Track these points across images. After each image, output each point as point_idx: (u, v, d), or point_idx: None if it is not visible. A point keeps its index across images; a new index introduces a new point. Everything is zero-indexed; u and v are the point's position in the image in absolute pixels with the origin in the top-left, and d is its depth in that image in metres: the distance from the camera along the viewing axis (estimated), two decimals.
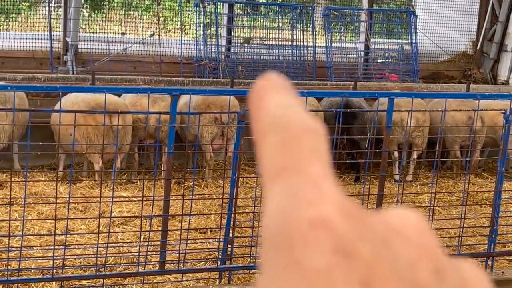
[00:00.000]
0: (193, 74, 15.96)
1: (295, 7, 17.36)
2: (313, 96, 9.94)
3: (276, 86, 0.61)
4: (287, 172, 0.56)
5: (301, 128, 0.58)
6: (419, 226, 0.58)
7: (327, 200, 0.54)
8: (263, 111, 0.59)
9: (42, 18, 17.45)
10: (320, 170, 0.57)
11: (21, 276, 6.28)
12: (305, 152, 0.57)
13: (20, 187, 8.73)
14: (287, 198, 0.55)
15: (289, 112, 0.59)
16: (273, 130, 0.57)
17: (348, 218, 0.54)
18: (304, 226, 0.53)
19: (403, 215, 0.59)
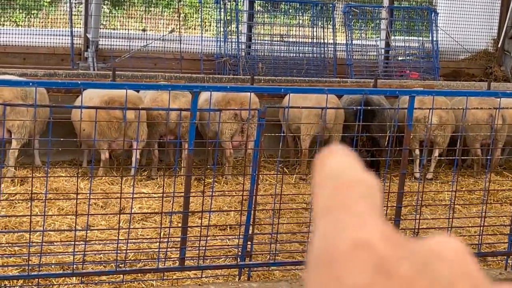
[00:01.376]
0: (213, 71, 15.96)
1: (316, 4, 17.32)
2: (334, 93, 9.93)
3: (336, 151, 0.65)
4: (335, 210, 0.59)
5: (353, 179, 0.61)
6: (459, 250, 0.58)
7: (369, 226, 0.56)
8: (323, 167, 0.63)
9: (63, 14, 17.51)
10: (366, 208, 0.58)
11: (41, 271, 6.30)
12: (354, 196, 0.60)
13: (41, 182, 8.77)
14: (332, 226, 0.56)
15: (344, 167, 0.63)
16: (328, 181, 0.62)
17: (389, 241, 0.56)
18: (346, 247, 0.54)
19: (445, 241, 0.59)
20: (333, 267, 0.54)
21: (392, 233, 0.57)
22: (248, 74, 14.66)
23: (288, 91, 6.94)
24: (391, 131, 9.17)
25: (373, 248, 0.54)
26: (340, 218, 0.57)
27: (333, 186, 0.61)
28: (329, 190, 0.61)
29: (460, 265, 0.57)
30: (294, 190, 9.53)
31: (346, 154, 0.65)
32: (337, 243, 0.55)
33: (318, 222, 0.59)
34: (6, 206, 8.18)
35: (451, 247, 0.58)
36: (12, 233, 7.39)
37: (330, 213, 0.58)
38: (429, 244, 0.58)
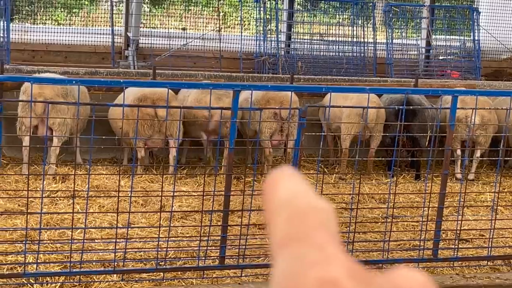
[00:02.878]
0: (252, 70, 15.97)
1: (356, 3, 17.23)
2: (376, 92, 9.86)
3: (287, 176, 0.64)
4: (293, 241, 0.57)
5: (308, 205, 0.60)
6: (424, 285, 0.57)
7: (333, 262, 0.55)
8: (274, 194, 0.62)
9: (104, 13, 17.64)
10: (325, 237, 0.57)
11: (83, 268, 6.35)
12: (311, 224, 0.58)
13: (83, 180, 8.83)
14: (293, 262, 0.54)
15: (297, 194, 0.61)
16: (282, 208, 0.60)
17: (355, 279, 0.54)
18: (311, 286, 0.52)
19: (409, 276, 0.58)
20: None
21: (356, 268, 0.55)
22: (287, 73, 14.64)
23: (329, 90, 6.90)
24: (433, 131, 9.09)
25: (339, 286, 0.52)
26: (301, 252, 0.55)
27: (288, 214, 0.59)
28: (285, 219, 0.59)
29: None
30: (334, 190, 9.49)
31: (297, 178, 0.63)
32: (302, 281, 0.53)
33: (276, 255, 0.57)
34: (48, 203, 8.25)
35: (416, 282, 0.57)
36: (54, 230, 7.45)
37: (289, 245, 0.57)
38: (395, 280, 0.57)
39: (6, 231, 7.19)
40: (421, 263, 7.15)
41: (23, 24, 16.88)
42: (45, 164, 7.21)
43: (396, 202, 7.34)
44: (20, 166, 9.93)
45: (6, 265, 6.49)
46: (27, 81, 8.31)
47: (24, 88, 9.45)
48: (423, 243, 7.09)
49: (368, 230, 8.04)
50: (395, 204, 7.30)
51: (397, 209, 8.26)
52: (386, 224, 7.42)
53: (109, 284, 6.44)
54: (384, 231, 7.36)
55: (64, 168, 9.85)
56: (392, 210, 7.42)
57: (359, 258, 7.17)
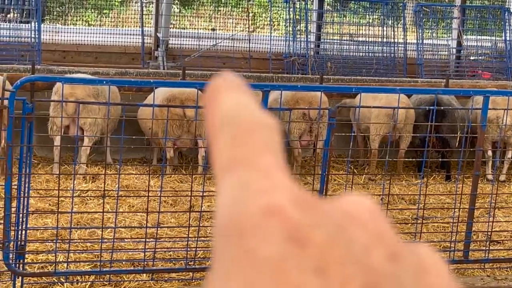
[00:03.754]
0: (281, 70, 15.96)
1: (386, 3, 17.16)
2: (406, 93, 9.82)
3: (230, 86, 0.60)
4: (237, 165, 0.54)
5: (252, 123, 0.57)
6: (373, 212, 0.56)
7: (279, 189, 0.52)
8: (216, 109, 0.58)
9: (134, 14, 17.73)
10: (272, 161, 0.55)
11: (113, 268, 6.37)
12: (256, 145, 0.55)
13: (112, 180, 8.87)
14: (238, 189, 0.53)
15: (240, 108, 0.58)
16: (224, 127, 0.57)
17: (301, 206, 0.52)
18: (255, 215, 0.51)
19: (357, 201, 0.57)
20: (242, 238, 0.50)
21: (302, 194, 0.54)
22: (316, 73, 14.61)
23: (360, 90, 6.88)
24: (464, 131, 9.03)
25: (285, 215, 0.51)
26: (245, 178, 0.54)
27: (232, 133, 0.56)
28: (228, 138, 0.56)
29: (374, 227, 0.54)
30: (363, 190, 9.45)
31: (240, 88, 0.60)
32: (245, 210, 0.52)
33: (221, 179, 0.55)
34: (78, 203, 8.30)
35: (364, 207, 0.56)
36: (85, 229, 7.50)
37: (232, 170, 0.55)
38: (342, 206, 0.56)
39: (37, 230, 7.24)
40: (452, 265, 7.10)
41: (54, 25, 17.03)
42: (75, 164, 7.25)
43: (426, 203, 7.30)
44: (51, 166, 10.01)
45: (37, 263, 6.53)
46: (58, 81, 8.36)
47: (56, 88, 9.52)
48: (454, 245, 7.04)
49: (398, 231, 7.97)
50: (425, 205, 7.25)
51: (427, 210, 8.21)
52: (416, 226, 7.37)
53: (139, 283, 6.47)
54: (414, 233, 7.32)
55: (95, 168, 9.90)
56: (422, 211, 7.37)
57: None
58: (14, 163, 5.67)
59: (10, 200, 5.58)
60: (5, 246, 5.59)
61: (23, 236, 6.09)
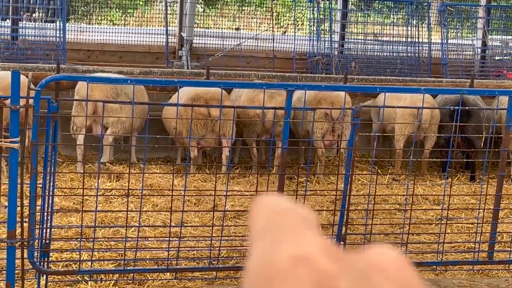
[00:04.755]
0: (305, 70, 15.94)
1: (411, 3, 17.09)
2: (431, 93, 9.77)
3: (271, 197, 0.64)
4: (271, 230, 0.58)
5: (288, 208, 0.60)
6: (398, 262, 0.57)
7: (308, 241, 0.54)
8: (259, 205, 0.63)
9: (158, 13, 17.78)
10: (303, 226, 0.56)
11: (136, 266, 6.39)
12: (291, 220, 0.59)
13: (136, 179, 8.90)
14: (269, 244, 0.54)
15: (279, 201, 0.62)
16: (264, 211, 0.61)
17: (329, 256, 0.54)
18: (284, 263, 0.52)
19: (382, 252, 0.58)
20: (271, 286, 0.51)
21: (331, 246, 0.54)
22: (340, 73, 14.58)
23: (384, 90, 6.85)
24: (489, 132, 8.97)
25: (312, 263, 0.53)
26: (278, 237, 0.55)
27: (269, 214, 0.60)
28: (266, 217, 0.59)
29: (400, 277, 0.56)
30: (387, 191, 9.42)
31: (280, 197, 0.64)
32: (275, 259, 0.53)
33: (254, 244, 0.57)
34: (102, 202, 8.34)
35: (390, 258, 0.57)
36: (109, 228, 7.53)
37: (266, 234, 0.56)
38: (369, 257, 0.57)
39: (62, 228, 7.28)
40: (476, 266, 7.06)
41: (78, 24, 17.12)
42: (100, 163, 7.28)
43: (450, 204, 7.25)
44: (75, 165, 10.06)
45: (62, 262, 6.57)
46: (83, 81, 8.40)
47: (77, 89, 9.59)
48: (478, 246, 6.99)
49: (422, 232, 7.96)
50: (449, 206, 7.21)
51: (451, 211, 8.17)
52: (441, 226, 7.33)
53: (162, 282, 6.48)
54: (438, 233, 7.28)
55: (119, 167, 9.94)
56: (446, 211, 7.32)
57: (413, 259, 7.11)
58: (39, 162, 5.70)
59: (35, 198, 5.62)
60: (30, 245, 5.62)
61: (47, 235, 6.12)
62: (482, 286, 6.42)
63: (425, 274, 7.02)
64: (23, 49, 15.07)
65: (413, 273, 0.57)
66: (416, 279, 0.56)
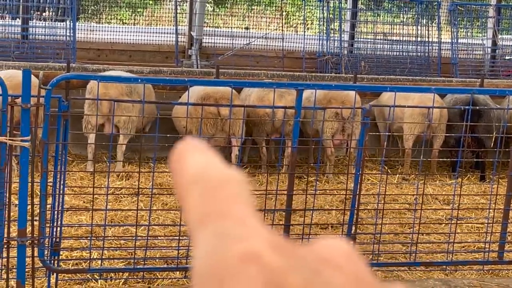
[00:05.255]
0: (315, 69, 15.94)
1: (420, 2, 17.07)
2: (441, 92, 9.75)
3: (193, 148, 0.62)
4: (211, 217, 0.55)
5: (220, 178, 0.58)
6: (348, 254, 0.57)
7: (255, 235, 0.53)
8: (183, 170, 0.60)
9: (168, 12, 17.79)
10: (245, 210, 0.56)
11: (146, 265, 6.40)
12: (227, 198, 0.57)
13: (146, 177, 8.91)
14: (214, 238, 0.54)
15: (207, 167, 0.60)
16: (193, 185, 0.58)
17: (278, 251, 0.53)
18: (233, 262, 0.51)
19: (332, 245, 0.57)
20: (222, 285, 0.51)
21: (278, 239, 0.54)
22: (350, 72, 14.57)
23: (394, 90, 6.83)
24: (499, 131, 8.95)
25: (262, 260, 0.52)
26: (221, 228, 0.54)
27: (201, 189, 0.58)
28: (199, 195, 0.58)
29: (350, 269, 0.55)
30: (397, 190, 9.41)
31: (204, 150, 0.63)
32: (223, 257, 0.52)
33: (196, 234, 0.56)
34: (112, 200, 8.35)
35: (339, 250, 0.57)
36: (118, 227, 7.54)
37: (208, 222, 0.55)
38: (318, 250, 0.56)
39: (72, 227, 7.30)
40: (486, 266, 7.05)
41: (88, 23, 17.16)
42: (110, 162, 7.29)
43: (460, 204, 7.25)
44: (85, 164, 10.08)
45: (72, 260, 6.59)
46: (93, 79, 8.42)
47: (90, 87, 9.60)
48: (488, 245, 6.98)
49: (432, 232, 7.95)
50: (459, 206, 7.20)
51: (461, 211, 8.16)
52: (451, 226, 7.32)
53: (172, 281, 6.49)
54: (448, 233, 7.27)
55: (128, 166, 9.95)
56: (456, 211, 7.31)
57: (423, 259, 7.10)
58: (49, 161, 5.72)
59: (46, 197, 5.63)
60: (41, 243, 5.64)
61: (58, 233, 6.14)
62: (492, 286, 6.40)
63: (435, 274, 7.02)
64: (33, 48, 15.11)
65: (364, 265, 0.57)
66: (367, 271, 0.56)
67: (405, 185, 9.75)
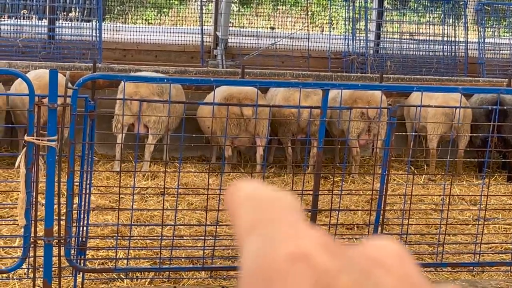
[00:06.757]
0: (340, 69, 15.90)
1: (447, 2, 16.97)
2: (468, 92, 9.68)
3: (246, 182, 0.64)
4: (262, 223, 0.56)
5: (272, 196, 0.60)
6: (399, 255, 0.56)
7: (305, 236, 0.53)
8: (236, 196, 0.61)
9: (193, 12, 17.82)
10: (294, 217, 0.57)
11: (172, 265, 6.41)
12: (278, 208, 0.58)
13: (171, 177, 8.92)
14: (264, 240, 0.54)
15: (259, 189, 0.61)
16: (246, 201, 0.60)
17: (328, 252, 0.53)
18: (282, 261, 0.51)
19: (382, 246, 0.57)
20: (271, 285, 0.50)
21: (328, 241, 0.53)
22: (376, 72, 14.51)
23: (421, 89, 6.79)
24: None
25: (311, 260, 0.52)
26: (271, 231, 0.55)
27: (254, 203, 0.59)
28: (251, 208, 0.58)
29: (400, 270, 0.55)
30: (423, 191, 9.36)
31: (256, 182, 0.64)
32: (272, 257, 0.52)
33: (244, 241, 0.56)
34: (137, 200, 8.37)
35: (389, 251, 0.56)
36: (144, 226, 7.56)
37: (257, 229, 0.56)
38: (368, 251, 0.56)
39: (98, 226, 7.32)
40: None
41: (114, 24, 17.22)
42: (136, 162, 7.31)
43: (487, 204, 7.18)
44: (111, 163, 10.11)
45: (98, 260, 6.61)
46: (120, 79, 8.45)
47: (121, 87, 9.64)
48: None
49: (458, 232, 7.89)
50: (486, 206, 7.14)
51: (488, 212, 8.09)
52: (478, 227, 7.27)
53: (198, 281, 6.50)
54: (475, 234, 7.21)
55: (154, 166, 9.97)
56: (484, 212, 7.26)
57: (449, 260, 7.05)
58: (75, 160, 5.74)
59: (72, 196, 5.66)
60: (67, 242, 5.66)
61: (84, 233, 6.16)
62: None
63: (462, 275, 6.97)
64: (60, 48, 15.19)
65: (414, 266, 0.56)
66: (417, 272, 0.56)
67: (432, 186, 9.69)
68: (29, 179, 5.51)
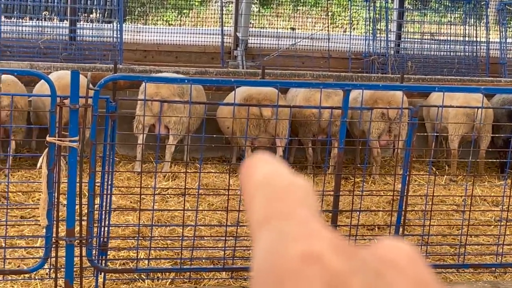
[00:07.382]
0: (361, 70, 15.86)
1: (468, 2, 16.88)
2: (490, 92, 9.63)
3: (262, 160, 0.63)
4: (274, 218, 0.55)
5: (286, 184, 0.59)
6: (411, 257, 0.56)
7: (316, 236, 0.53)
8: (251, 177, 0.61)
9: (214, 13, 17.85)
10: (307, 213, 0.56)
11: (193, 265, 6.42)
12: (291, 200, 0.57)
13: (192, 178, 8.93)
14: (275, 238, 0.54)
15: (273, 174, 0.61)
16: (259, 190, 0.59)
17: (339, 253, 0.52)
18: (294, 262, 0.51)
19: (394, 246, 0.57)
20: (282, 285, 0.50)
21: (340, 241, 0.53)
22: (396, 72, 14.47)
23: (442, 90, 6.76)
24: None
25: (323, 261, 0.51)
26: (283, 228, 0.54)
27: (266, 194, 0.58)
28: (263, 199, 0.58)
29: (412, 271, 0.54)
30: (444, 191, 9.31)
31: (272, 161, 0.63)
32: (284, 257, 0.52)
33: (257, 234, 0.56)
34: (158, 200, 8.39)
35: (402, 252, 0.56)
36: (165, 227, 7.57)
37: (270, 223, 0.55)
38: (380, 252, 0.56)
39: (119, 227, 7.34)
40: None
41: (135, 25, 17.28)
42: (157, 162, 7.33)
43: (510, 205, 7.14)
44: (132, 164, 10.14)
45: (119, 260, 6.63)
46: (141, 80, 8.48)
47: (142, 88, 9.67)
48: None
49: (480, 233, 7.85)
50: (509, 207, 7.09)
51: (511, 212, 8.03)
52: (500, 227, 7.22)
53: (218, 281, 6.50)
54: (497, 235, 7.17)
55: (174, 167, 9.99)
56: (506, 213, 7.21)
57: (471, 261, 7.01)
58: (96, 161, 5.76)
59: (93, 197, 5.68)
60: (89, 243, 5.68)
61: (105, 233, 6.18)
62: None
63: (484, 276, 6.93)
64: (81, 50, 15.26)
65: (427, 267, 0.56)
66: (430, 274, 0.55)
67: (453, 186, 9.64)
68: (51, 180, 5.53)
